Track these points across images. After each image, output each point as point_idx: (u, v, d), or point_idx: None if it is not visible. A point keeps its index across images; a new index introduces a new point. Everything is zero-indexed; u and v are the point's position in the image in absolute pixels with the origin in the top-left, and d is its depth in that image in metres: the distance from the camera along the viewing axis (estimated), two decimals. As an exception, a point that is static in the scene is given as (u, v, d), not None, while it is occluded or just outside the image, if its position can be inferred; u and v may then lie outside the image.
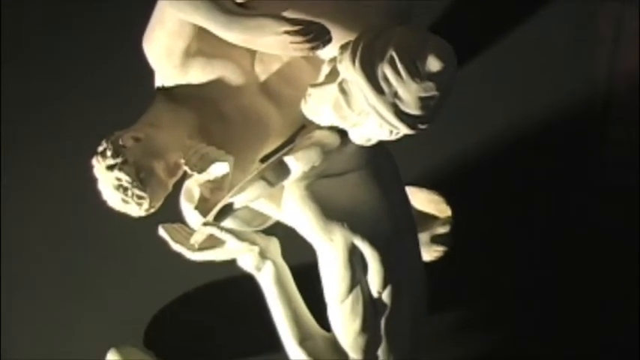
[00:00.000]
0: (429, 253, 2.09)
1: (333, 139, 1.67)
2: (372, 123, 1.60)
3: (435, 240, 2.11)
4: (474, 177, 2.26)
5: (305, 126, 1.77)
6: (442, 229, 2.11)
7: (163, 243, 1.72)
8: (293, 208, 1.71)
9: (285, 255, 1.81)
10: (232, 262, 1.79)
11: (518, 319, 2.30)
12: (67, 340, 2.27)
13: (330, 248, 1.70)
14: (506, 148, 2.28)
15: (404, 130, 1.60)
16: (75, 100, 2.29)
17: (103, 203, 1.76)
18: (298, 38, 1.54)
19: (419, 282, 1.83)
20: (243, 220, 1.88)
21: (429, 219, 2.11)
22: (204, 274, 2.19)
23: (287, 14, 1.60)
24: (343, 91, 1.59)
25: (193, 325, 2.26)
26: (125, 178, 1.69)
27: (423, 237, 2.06)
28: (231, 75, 1.76)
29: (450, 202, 2.11)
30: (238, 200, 1.67)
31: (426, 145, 2.08)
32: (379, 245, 1.71)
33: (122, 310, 2.25)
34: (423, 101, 1.57)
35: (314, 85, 1.64)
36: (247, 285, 1.85)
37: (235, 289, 2.17)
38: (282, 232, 1.84)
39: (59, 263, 2.27)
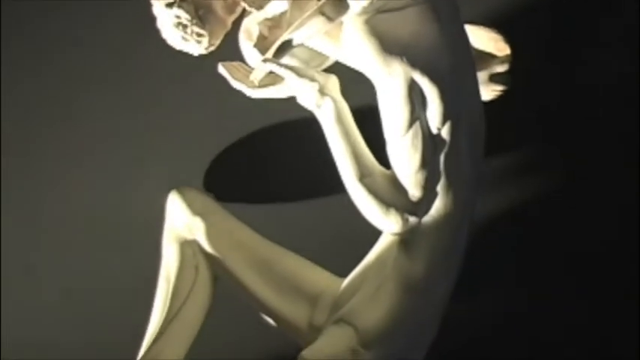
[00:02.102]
0: (487, 92, 2.11)
1: (392, -27, 1.68)
2: (430, -46, 1.61)
3: (493, 79, 2.12)
4: (534, 14, 2.25)
5: (363, -39, 1.77)
6: (500, 68, 2.12)
7: (223, 82, 1.76)
8: (352, 43, 1.73)
9: (343, 96, 1.83)
10: (292, 101, 1.82)
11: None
12: (125, 184, 2.33)
13: (390, 83, 1.72)
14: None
15: (462, -39, 1.60)
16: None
17: (162, 41, 1.80)
18: None
19: (478, 120, 1.86)
20: (302, 60, 1.91)
21: (487, 57, 2.11)
22: (263, 115, 2.23)
23: None
24: None
25: (252, 167, 2.30)
26: (184, 16, 1.72)
27: (482, 76, 2.07)
28: None
29: (508, 40, 2.11)
30: (297, 36, 1.69)
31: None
32: (438, 80, 1.73)
33: (181, 154, 2.29)
34: None
35: None
36: (307, 125, 1.90)
37: (295, 130, 2.22)
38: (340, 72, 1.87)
39: (117, 103, 2.31)
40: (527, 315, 2.38)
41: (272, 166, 2.30)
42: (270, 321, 2.06)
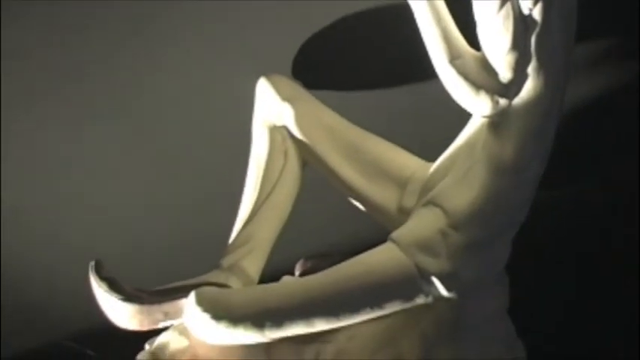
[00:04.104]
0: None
1: None
2: None
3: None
4: None
5: None
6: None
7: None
8: None
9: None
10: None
11: None
12: (215, 71, 2.37)
13: (481, -37, 1.75)
14: None
15: None
16: None
17: None
18: None
19: (570, 1, 1.87)
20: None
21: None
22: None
23: None
24: None
25: (340, 54, 2.32)
26: None
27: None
28: None
29: None
30: None
31: None
32: (530, -41, 1.75)
33: (270, 41, 2.32)
34: None
35: None
36: (396, 8, 1.92)
37: (384, 14, 2.23)
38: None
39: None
40: (612, 204, 2.42)
41: (360, 51, 2.32)
42: (359, 205, 2.13)
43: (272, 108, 2.14)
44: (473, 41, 1.86)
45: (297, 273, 2.21)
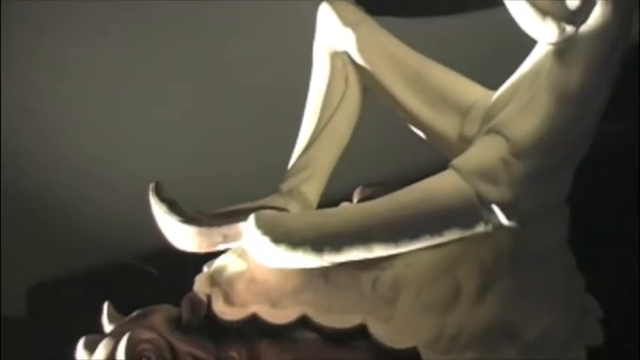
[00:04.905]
0: None
1: None
2: None
3: None
4: None
5: None
6: None
7: None
8: None
9: None
10: None
11: None
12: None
13: None
14: None
15: None
16: None
17: None
18: None
19: None
20: None
21: None
22: None
23: None
24: None
25: None
26: None
27: None
28: None
29: None
30: None
31: None
32: None
33: None
34: None
35: None
36: None
37: None
38: None
39: None
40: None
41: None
42: (420, 133, 2.15)
43: (334, 33, 2.14)
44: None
45: (355, 200, 2.23)
